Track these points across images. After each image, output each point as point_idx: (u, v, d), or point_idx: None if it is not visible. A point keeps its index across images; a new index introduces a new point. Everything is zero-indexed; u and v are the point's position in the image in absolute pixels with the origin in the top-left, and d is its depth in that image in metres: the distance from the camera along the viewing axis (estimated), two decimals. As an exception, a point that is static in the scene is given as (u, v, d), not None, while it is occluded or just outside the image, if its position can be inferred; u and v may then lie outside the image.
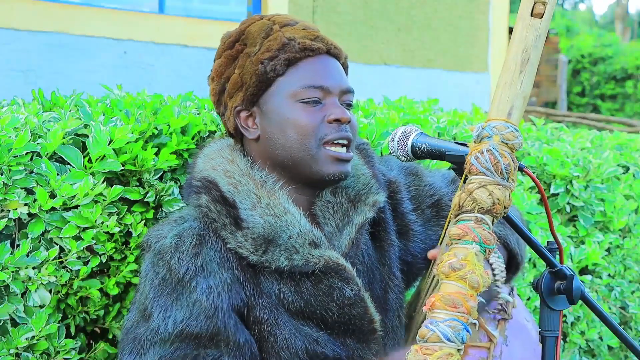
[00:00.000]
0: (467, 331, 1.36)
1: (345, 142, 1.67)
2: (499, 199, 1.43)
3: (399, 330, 1.80)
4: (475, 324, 1.39)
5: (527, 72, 1.49)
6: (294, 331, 1.63)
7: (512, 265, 1.88)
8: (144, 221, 1.96)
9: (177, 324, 1.55)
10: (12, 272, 1.77)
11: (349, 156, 1.68)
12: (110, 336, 1.98)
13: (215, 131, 2.10)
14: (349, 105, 1.71)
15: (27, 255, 1.79)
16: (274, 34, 1.69)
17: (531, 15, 1.51)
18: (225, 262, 1.61)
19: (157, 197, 1.98)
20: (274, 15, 1.75)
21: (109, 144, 1.88)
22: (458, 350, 1.35)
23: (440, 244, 1.77)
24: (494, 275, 1.76)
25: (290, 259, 1.61)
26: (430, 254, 1.78)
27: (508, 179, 1.45)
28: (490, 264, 1.75)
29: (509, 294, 1.91)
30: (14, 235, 1.82)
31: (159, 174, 1.99)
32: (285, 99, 1.66)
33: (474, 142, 1.49)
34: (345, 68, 1.76)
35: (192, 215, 1.65)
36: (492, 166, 1.44)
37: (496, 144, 1.45)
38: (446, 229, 1.59)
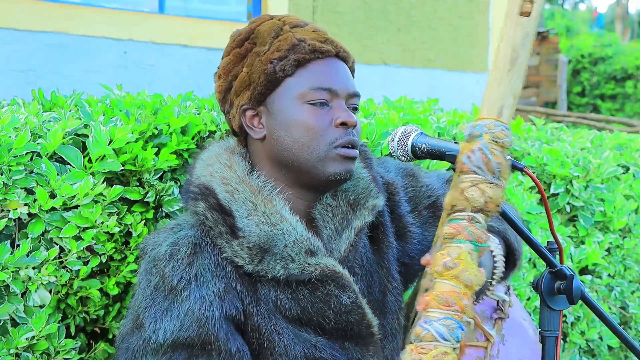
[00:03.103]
0: (462, 329, 1.36)
1: (351, 146, 1.68)
2: (491, 197, 1.43)
3: (397, 332, 1.80)
4: (469, 322, 1.39)
5: (517, 70, 1.49)
6: (292, 337, 1.63)
7: (510, 261, 1.88)
8: (144, 221, 1.96)
9: (168, 334, 1.55)
10: (12, 272, 1.77)
11: (356, 153, 1.68)
12: (110, 336, 1.98)
13: (215, 131, 2.10)
14: (354, 109, 1.71)
15: (27, 255, 1.79)
16: (285, 34, 1.68)
17: (519, 14, 1.51)
18: (220, 270, 1.60)
19: (157, 197, 1.98)
20: (284, 16, 1.75)
21: (109, 144, 1.88)
22: (454, 348, 1.35)
23: (435, 244, 1.77)
24: (494, 261, 1.75)
25: (286, 267, 1.60)
26: (424, 260, 1.77)
27: (500, 177, 1.45)
28: (491, 251, 1.74)
29: (506, 293, 1.91)
30: (14, 235, 1.82)
31: (159, 174, 1.99)
32: (293, 100, 1.66)
33: (466, 141, 1.49)
34: (352, 72, 1.76)
35: (189, 223, 1.65)
36: (484, 165, 1.44)
37: (487, 142, 1.45)
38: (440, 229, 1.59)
